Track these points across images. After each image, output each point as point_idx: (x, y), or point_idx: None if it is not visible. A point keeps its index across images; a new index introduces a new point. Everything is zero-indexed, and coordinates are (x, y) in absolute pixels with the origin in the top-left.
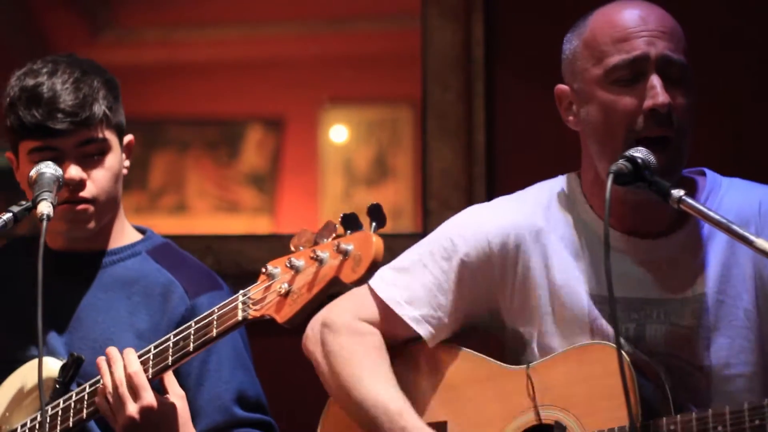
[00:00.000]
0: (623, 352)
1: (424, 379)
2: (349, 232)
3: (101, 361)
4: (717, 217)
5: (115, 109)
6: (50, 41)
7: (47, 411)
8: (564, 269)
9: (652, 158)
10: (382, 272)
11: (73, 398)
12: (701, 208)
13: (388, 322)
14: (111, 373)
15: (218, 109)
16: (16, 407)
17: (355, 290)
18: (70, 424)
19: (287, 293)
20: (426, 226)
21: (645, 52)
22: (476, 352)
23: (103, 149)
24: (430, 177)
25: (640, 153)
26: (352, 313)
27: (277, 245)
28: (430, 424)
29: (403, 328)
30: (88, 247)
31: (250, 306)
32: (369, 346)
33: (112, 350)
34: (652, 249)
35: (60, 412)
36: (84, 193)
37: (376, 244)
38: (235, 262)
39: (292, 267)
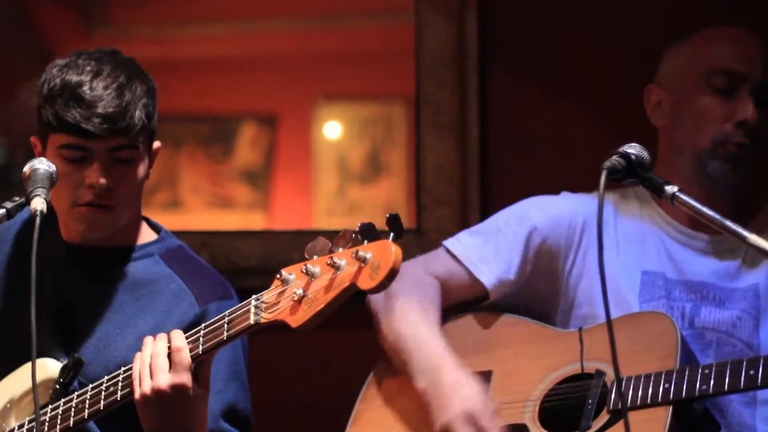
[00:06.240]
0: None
1: (472, 337)
2: (366, 241)
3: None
4: (711, 213)
5: (151, 116)
6: (45, 38)
7: (39, 412)
8: (622, 256)
9: (645, 154)
10: (458, 235)
11: (75, 399)
12: (695, 204)
13: (455, 278)
14: (153, 344)
15: (212, 106)
16: (16, 405)
17: (432, 251)
18: (71, 424)
19: (302, 299)
20: (420, 222)
21: (745, 73)
22: (532, 319)
23: (134, 157)
24: (423, 173)
25: (633, 149)
26: (423, 267)
27: (271, 241)
28: (475, 374)
29: (467, 285)
30: (102, 243)
31: (263, 310)
32: (427, 297)
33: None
34: (713, 242)
35: (60, 413)
36: (107, 201)
37: (396, 252)
38: (228, 258)
39: (307, 273)
